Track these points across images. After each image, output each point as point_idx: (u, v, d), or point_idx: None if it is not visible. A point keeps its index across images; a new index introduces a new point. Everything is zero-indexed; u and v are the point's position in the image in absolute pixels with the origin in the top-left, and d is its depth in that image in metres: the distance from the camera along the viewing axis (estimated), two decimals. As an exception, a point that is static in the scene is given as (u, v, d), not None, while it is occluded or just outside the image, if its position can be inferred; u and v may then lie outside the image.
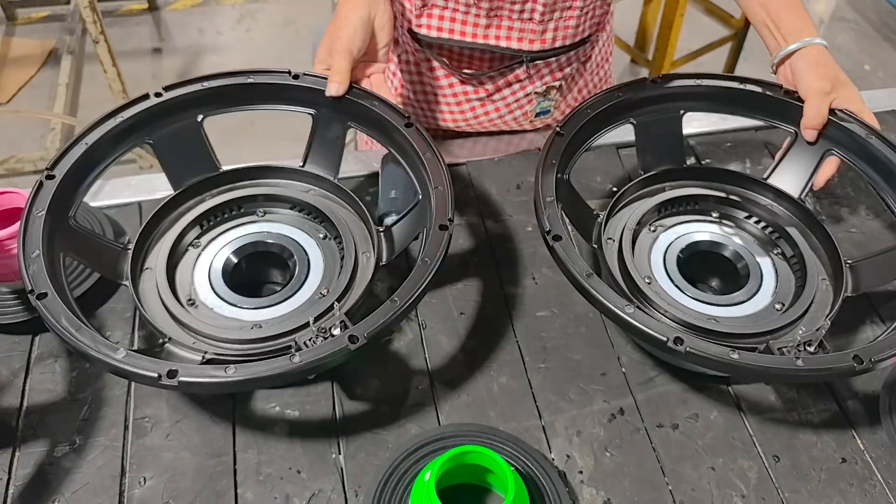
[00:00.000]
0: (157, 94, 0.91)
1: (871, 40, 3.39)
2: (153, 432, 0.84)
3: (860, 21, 3.49)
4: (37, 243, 0.77)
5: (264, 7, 3.43)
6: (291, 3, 3.45)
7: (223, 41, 3.25)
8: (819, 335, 0.78)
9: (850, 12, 3.54)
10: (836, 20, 3.51)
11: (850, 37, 3.41)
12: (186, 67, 3.08)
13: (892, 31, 3.39)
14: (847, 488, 0.82)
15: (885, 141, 0.90)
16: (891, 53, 3.30)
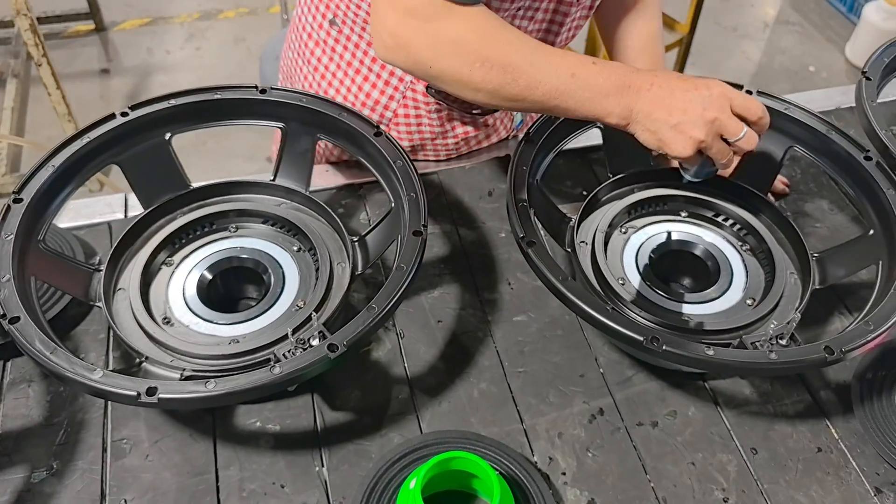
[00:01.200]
0: (123, 114, 0.90)
1: (814, 42, 3.47)
2: (132, 453, 0.83)
3: (804, 23, 3.57)
4: (7, 267, 0.76)
5: (214, 25, 3.40)
6: (241, 21, 3.43)
7: (173, 60, 3.21)
8: (790, 328, 0.80)
9: (794, 15, 3.62)
10: (781, 23, 3.59)
11: (795, 39, 3.48)
12: (135, 88, 3.04)
13: (834, 32, 3.48)
14: (824, 477, 0.84)
15: (844, 136, 0.93)
16: (834, 54, 3.38)
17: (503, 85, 0.83)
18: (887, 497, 0.82)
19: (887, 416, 0.86)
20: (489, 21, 0.84)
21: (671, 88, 0.82)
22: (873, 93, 1.01)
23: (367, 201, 1.09)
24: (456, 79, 0.84)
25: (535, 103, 0.84)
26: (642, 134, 0.84)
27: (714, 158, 0.84)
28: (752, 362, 0.73)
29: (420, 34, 0.83)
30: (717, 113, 0.81)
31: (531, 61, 0.82)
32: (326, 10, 1.04)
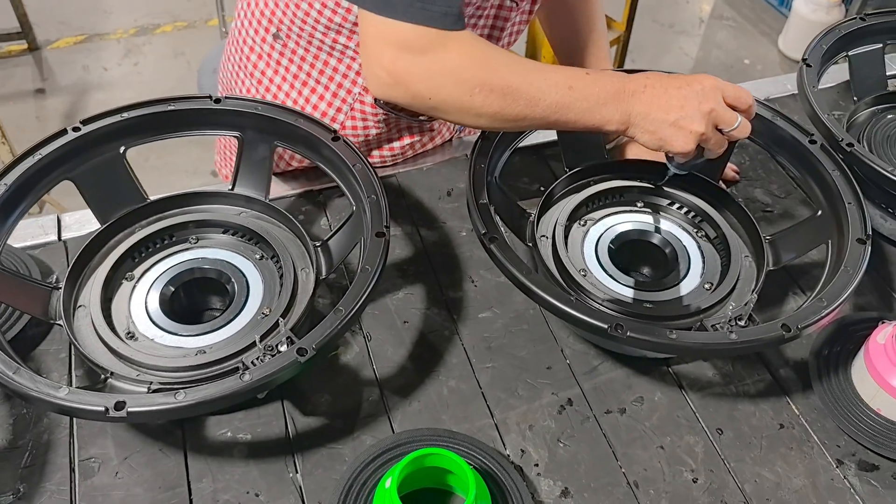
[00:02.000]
0: (75, 129, 0.89)
1: (748, 36, 3.56)
2: (101, 472, 0.81)
3: (737, 18, 3.67)
4: (-38, 288, 0.75)
5: (151, 40, 3.35)
6: (179, 35, 3.39)
7: (110, 77, 3.15)
8: (748, 309, 0.82)
9: (728, 10, 3.71)
10: (716, 18, 3.68)
11: (729, 33, 3.57)
12: (72, 107, 2.98)
13: (767, 25, 3.58)
14: (787, 452, 0.86)
15: (789, 121, 0.96)
16: (768, 47, 3.48)
17: (504, 107, 0.84)
18: (849, 468, 0.85)
19: (844, 390, 0.89)
20: (481, 46, 0.85)
21: (664, 87, 0.84)
22: (814, 79, 1.04)
23: (326, 207, 1.09)
24: (457, 107, 0.84)
25: (537, 120, 0.85)
26: (642, 136, 0.85)
27: (711, 150, 0.87)
28: (713, 343, 0.75)
29: (416, 67, 0.83)
30: (713, 104, 0.83)
31: (529, 80, 0.83)
32: (269, 24, 1.03)
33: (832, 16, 3.16)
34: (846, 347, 0.92)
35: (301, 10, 0.98)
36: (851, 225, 0.86)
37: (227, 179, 1.31)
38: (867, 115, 1.14)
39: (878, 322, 0.90)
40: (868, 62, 1.15)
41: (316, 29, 0.99)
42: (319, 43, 1.02)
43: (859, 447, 0.87)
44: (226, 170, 1.31)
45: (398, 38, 0.82)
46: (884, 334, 0.87)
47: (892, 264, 1.06)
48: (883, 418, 0.86)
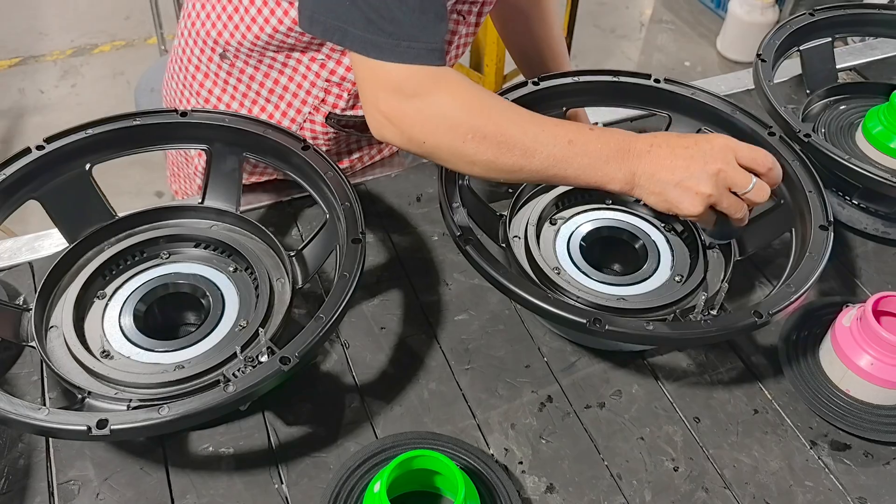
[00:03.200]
0: (39, 147, 0.88)
1: (687, 38, 3.64)
2: (82, 494, 0.80)
3: (677, 21, 3.75)
4: (-69, 313, 0.73)
5: (89, 60, 3.27)
6: (118, 54, 3.32)
7: (48, 100, 3.06)
8: (719, 299, 0.84)
9: (667, 14, 3.79)
10: (655, 22, 3.75)
11: (669, 37, 3.65)
12: (9, 131, 2.88)
13: (705, 28, 3.66)
14: (763, 436, 0.88)
15: (748, 114, 0.99)
16: (706, 49, 3.56)
17: (498, 156, 0.81)
18: (822, 448, 0.88)
19: (813, 373, 0.91)
20: (474, 91, 0.82)
21: (671, 147, 0.80)
22: (770, 73, 1.07)
23: (297, 217, 1.09)
24: (451, 153, 0.82)
25: (534, 173, 0.82)
26: (649, 197, 0.81)
27: (727, 213, 0.81)
28: (689, 333, 0.77)
29: (410, 110, 0.81)
30: (721, 164, 0.78)
31: (524, 130, 0.81)
32: (215, 44, 1.02)
33: (767, 17, 3.25)
34: (813, 332, 0.95)
35: (251, 33, 0.97)
36: (813, 212, 0.88)
37: (178, 195, 1.30)
38: (820, 106, 1.18)
39: (842, 306, 0.92)
40: (818, 56, 1.19)
41: (267, 49, 0.99)
42: (271, 61, 1.01)
43: (831, 428, 0.89)
44: (176, 185, 1.30)
45: (390, 80, 0.81)
46: (849, 317, 0.89)
47: (852, 250, 1.09)
48: (852, 398, 0.89)
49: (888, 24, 1.20)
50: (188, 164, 1.21)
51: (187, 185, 1.25)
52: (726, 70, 3.38)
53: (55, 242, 1.02)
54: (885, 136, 1.07)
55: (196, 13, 1.03)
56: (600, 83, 1.02)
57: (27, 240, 1.03)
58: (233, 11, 0.98)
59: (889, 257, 1.08)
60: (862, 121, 1.12)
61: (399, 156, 1.24)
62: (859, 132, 1.12)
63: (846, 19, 1.18)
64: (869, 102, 1.17)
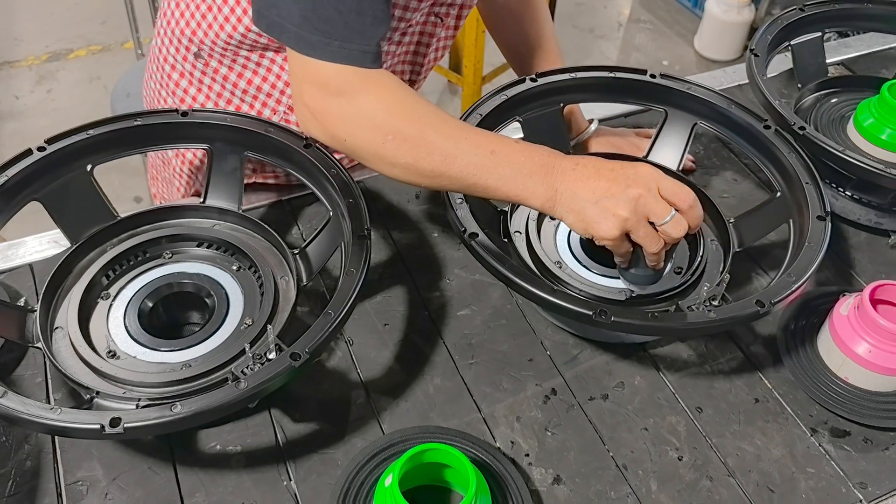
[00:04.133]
0: (41, 149, 0.87)
1: (665, 38, 3.67)
2: (90, 495, 0.80)
3: (654, 21, 3.77)
4: (-62, 315, 0.73)
5: (65, 65, 3.23)
6: (94, 59, 3.28)
7: (22, 106, 3.02)
8: (720, 289, 0.86)
9: (645, 13, 3.82)
10: (633, 22, 3.77)
11: (648, 36, 3.67)
12: None
13: (683, 27, 3.69)
14: (764, 425, 0.89)
15: (743, 108, 1.00)
16: (684, 48, 3.59)
17: (418, 159, 0.81)
18: (822, 435, 0.89)
19: (812, 362, 0.93)
20: (400, 93, 0.83)
21: (596, 168, 0.80)
22: (763, 68, 1.09)
23: (297, 216, 1.09)
24: (371, 153, 0.83)
25: (454, 180, 0.82)
26: (567, 216, 0.80)
27: (642, 245, 0.80)
28: (694, 323, 0.78)
29: (334, 108, 0.82)
30: (643, 190, 0.77)
31: (447, 135, 0.81)
32: (190, 43, 1.02)
33: (743, 16, 3.28)
34: (811, 321, 0.96)
35: (225, 32, 0.97)
36: (811, 203, 0.90)
37: (156, 198, 1.31)
38: (812, 100, 1.20)
39: (839, 295, 0.94)
40: (809, 50, 1.21)
41: (241, 48, 0.99)
42: (244, 61, 1.02)
43: (830, 415, 0.90)
44: (155, 188, 1.30)
45: (318, 77, 0.81)
46: (846, 306, 0.91)
47: (846, 241, 1.11)
48: (851, 386, 0.90)
49: (877, 19, 1.22)
50: (165, 166, 1.21)
51: (165, 188, 1.25)
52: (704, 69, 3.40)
53: (55, 244, 1.02)
54: (876, 129, 1.09)
55: (171, 12, 1.03)
56: (597, 79, 1.03)
57: (27, 242, 1.03)
58: (206, 10, 0.98)
59: (882, 247, 1.10)
60: (853, 114, 1.14)
61: None
62: (850, 125, 1.14)
63: (836, 14, 1.19)
64: (859, 96, 1.18)
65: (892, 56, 1.47)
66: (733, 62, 3.32)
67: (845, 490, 0.84)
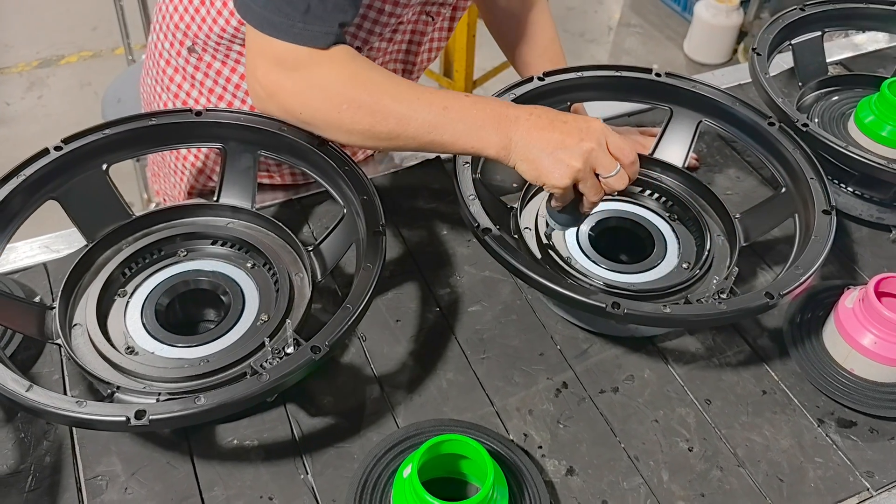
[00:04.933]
0: (57, 148, 0.88)
1: (655, 41, 3.69)
2: (110, 489, 0.81)
3: (644, 25, 3.79)
4: (-38, 311, 0.74)
5: (56, 72, 3.21)
6: (85, 65, 3.27)
7: (13, 112, 3.01)
8: (729, 283, 0.87)
9: (635, 17, 3.83)
10: (623, 26, 3.78)
11: (638, 40, 3.69)
12: None
13: (672, 31, 3.70)
14: (772, 416, 0.91)
15: (748, 106, 1.02)
16: (674, 52, 3.60)
17: (374, 124, 0.84)
18: (829, 426, 0.90)
19: (818, 354, 0.94)
20: (355, 63, 0.85)
21: (550, 119, 0.83)
22: (765, 66, 1.11)
23: (307, 214, 1.10)
24: (326, 123, 0.86)
25: (411, 140, 0.85)
26: (521, 165, 0.83)
27: (585, 194, 0.84)
28: (706, 314, 0.79)
29: (287, 82, 0.84)
30: (595, 144, 0.81)
31: (399, 98, 0.84)
32: (184, 37, 1.04)
33: (732, 20, 3.30)
34: (816, 314, 0.98)
35: (218, 26, 0.99)
36: (816, 198, 0.92)
37: (158, 195, 1.32)
38: (812, 98, 1.22)
39: (843, 289, 0.96)
40: (809, 49, 1.23)
41: (234, 42, 1.01)
42: (237, 56, 1.03)
43: (837, 406, 0.92)
44: (157, 185, 1.31)
45: (274, 53, 0.83)
46: (851, 298, 0.93)
47: (848, 236, 1.12)
48: (856, 377, 0.92)
49: (876, 18, 1.24)
50: (164, 161, 1.22)
51: (167, 184, 1.26)
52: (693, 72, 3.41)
53: (68, 243, 1.03)
54: (877, 126, 1.11)
55: (166, 6, 1.05)
56: (603, 78, 1.04)
57: (41, 241, 1.04)
58: (199, 4, 1.00)
59: (883, 241, 1.12)
60: (853, 111, 1.16)
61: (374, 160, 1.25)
62: (851, 122, 1.16)
63: (836, 13, 1.21)
64: (858, 94, 1.21)
65: (889, 55, 1.49)
66: (722, 65, 3.35)
67: (853, 479, 0.86)
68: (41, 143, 0.88)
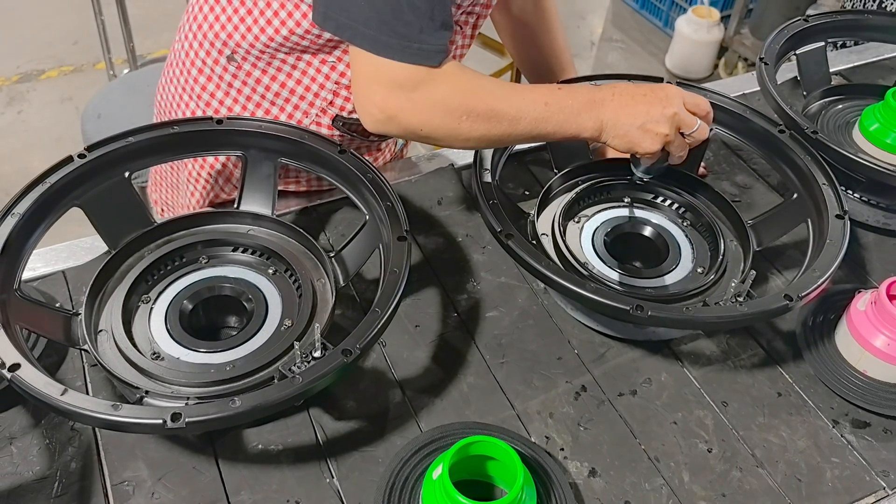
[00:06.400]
0: (81, 156, 0.89)
1: (637, 56, 3.71)
2: (137, 495, 0.81)
3: (626, 40, 3.81)
4: (-6, 317, 0.74)
5: (36, 87, 3.17)
6: (66, 80, 3.23)
7: None
8: (746, 286, 0.89)
9: (617, 33, 3.86)
10: (605, 41, 3.80)
11: (620, 55, 3.71)
12: None
13: (654, 46, 3.73)
14: (788, 418, 0.92)
15: (759, 114, 1.04)
16: (656, 66, 3.62)
17: (490, 129, 0.90)
18: (844, 426, 0.92)
19: (831, 356, 0.96)
20: (465, 76, 0.90)
21: (631, 95, 0.92)
22: (773, 75, 1.13)
23: (325, 221, 1.11)
24: (447, 135, 0.91)
25: (520, 136, 0.92)
26: (613, 140, 0.92)
27: (673, 152, 0.94)
28: (728, 316, 0.81)
29: (407, 103, 0.88)
30: (676, 108, 0.91)
31: (509, 102, 0.90)
32: (224, 46, 1.04)
33: (713, 35, 3.33)
34: (828, 318, 1.00)
35: (265, 35, 0.99)
36: (828, 203, 0.94)
37: (157, 205, 1.33)
38: (817, 107, 1.24)
39: (854, 292, 0.97)
40: (813, 59, 1.25)
41: (279, 51, 1.01)
42: (280, 63, 1.03)
43: (851, 407, 0.94)
44: (157, 194, 1.32)
45: (391, 77, 0.87)
46: (863, 301, 0.94)
47: (856, 241, 1.14)
48: (869, 378, 0.94)
49: (878, 29, 1.27)
50: (173, 172, 1.23)
51: (169, 194, 1.27)
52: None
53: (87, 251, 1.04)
54: (882, 133, 1.13)
55: (204, 15, 1.05)
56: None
57: (60, 249, 1.04)
58: (245, 14, 1.00)
59: (890, 246, 1.14)
60: (858, 119, 1.18)
61: (406, 159, 1.27)
62: (856, 130, 1.18)
63: (839, 24, 1.24)
64: (862, 102, 1.23)
65: (886, 66, 1.52)
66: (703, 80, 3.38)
67: (869, 478, 0.87)
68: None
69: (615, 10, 3.94)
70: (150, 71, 2.09)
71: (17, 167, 2.63)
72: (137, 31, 2.58)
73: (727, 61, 3.40)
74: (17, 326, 0.77)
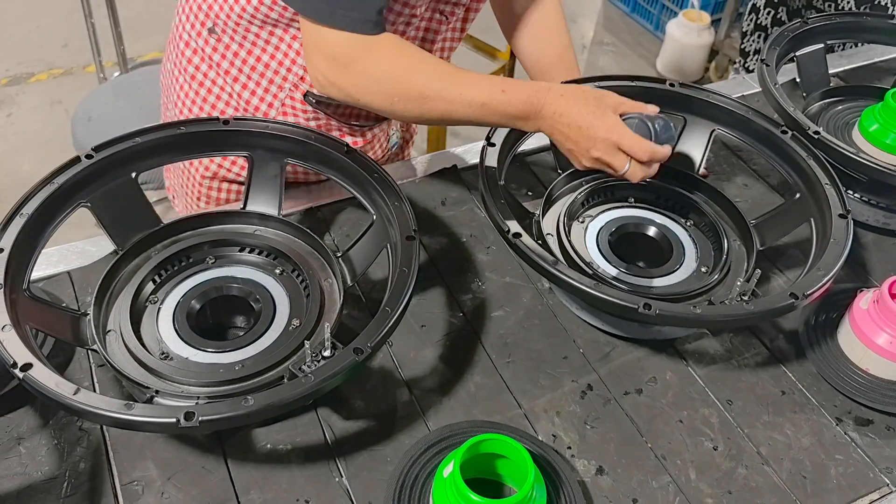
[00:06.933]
0: (88, 156, 0.89)
1: (628, 60, 3.71)
2: (146, 494, 0.81)
3: (617, 43, 3.82)
4: (5, 316, 0.74)
5: (25, 89, 3.15)
6: (56, 82, 3.20)
7: None
8: (751, 285, 0.90)
9: (608, 36, 3.86)
10: (597, 44, 3.81)
11: (611, 58, 3.72)
12: None
13: (645, 49, 3.74)
14: (792, 416, 0.93)
15: (761, 115, 1.05)
16: (646, 69, 3.61)
17: (423, 113, 0.94)
18: (847, 424, 0.93)
19: (834, 354, 0.97)
20: (401, 55, 0.93)
21: (567, 123, 0.93)
22: (774, 77, 1.14)
23: (329, 222, 1.11)
24: (383, 110, 0.96)
25: (459, 122, 0.96)
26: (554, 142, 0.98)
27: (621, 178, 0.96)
28: (735, 314, 0.82)
29: (344, 74, 0.92)
30: (601, 154, 0.92)
31: (443, 95, 0.92)
32: (206, 18, 1.06)
33: (703, 38, 3.34)
34: (830, 316, 1.01)
35: (238, 5, 1.02)
36: (831, 203, 0.94)
37: (170, 191, 1.33)
38: (817, 108, 1.25)
39: (856, 291, 0.98)
40: (812, 61, 1.26)
41: (252, 24, 1.03)
42: (254, 38, 1.05)
43: (854, 404, 0.95)
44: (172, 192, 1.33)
45: (329, 49, 0.91)
46: (865, 300, 0.95)
47: (857, 241, 1.15)
48: (872, 376, 0.95)
49: (877, 31, 1.28)
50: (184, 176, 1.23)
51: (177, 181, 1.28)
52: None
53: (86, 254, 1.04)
54: (882, 134, 1.14)
55: None
56: (620, 88, 1.06)
57: (64, 250, 1.04)
58: None
59: (890, 246, 1.15)
60: (857, 120, 1.20)
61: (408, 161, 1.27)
62: (856, 130, 1.19)
63: (838, 26, 1.25)
64: (862, 104, 1.24)
65: (883, 67, 1.54)
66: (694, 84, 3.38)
67: (873, 475, 0.88)
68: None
69: (606, 14, 3.94)
70: (140, 74, 2.09)
71: (6, 170, 2.62)
72: (128, 34, 2.57)
73: (717, 64, 3.42)
74: (27, 326, 0.77)
